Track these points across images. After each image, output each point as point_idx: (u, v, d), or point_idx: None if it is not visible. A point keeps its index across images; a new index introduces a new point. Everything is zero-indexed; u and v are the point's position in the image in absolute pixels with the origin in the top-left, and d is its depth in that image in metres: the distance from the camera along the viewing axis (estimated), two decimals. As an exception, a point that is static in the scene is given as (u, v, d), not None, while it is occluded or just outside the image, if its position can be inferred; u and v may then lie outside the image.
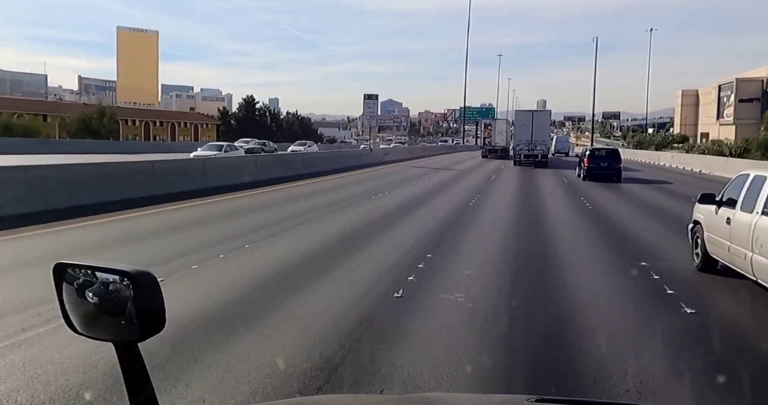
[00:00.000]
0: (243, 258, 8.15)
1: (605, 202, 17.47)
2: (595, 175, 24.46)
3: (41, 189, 11.67)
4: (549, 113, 46.88)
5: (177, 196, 14.31)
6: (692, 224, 8.26)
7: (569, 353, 4.74)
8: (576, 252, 9.40)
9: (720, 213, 7.19)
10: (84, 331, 1.20)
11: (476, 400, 2.03)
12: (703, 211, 7.81)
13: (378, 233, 10.66)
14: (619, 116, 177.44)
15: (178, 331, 4.61)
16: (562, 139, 70.60)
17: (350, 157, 36.19)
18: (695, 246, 7.99)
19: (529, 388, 3.80)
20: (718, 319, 5.96)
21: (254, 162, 23.87)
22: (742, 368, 4.40)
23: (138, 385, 1.18)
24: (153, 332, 1.16)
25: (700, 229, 7.83)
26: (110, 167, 15.43)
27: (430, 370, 4.18)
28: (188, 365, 4.14)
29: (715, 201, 7.43)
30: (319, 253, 8.62)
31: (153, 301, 1.15)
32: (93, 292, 1.19)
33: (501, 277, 7.48)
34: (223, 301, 5.94)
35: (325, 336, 4.87)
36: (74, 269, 1.22)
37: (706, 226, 7.58)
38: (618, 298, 6.71)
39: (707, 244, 7.48)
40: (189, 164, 19.64)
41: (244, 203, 15.14)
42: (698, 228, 7.92)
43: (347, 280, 7.05)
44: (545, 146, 38.57)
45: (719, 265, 7.34)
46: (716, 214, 7.28)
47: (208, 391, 3.78)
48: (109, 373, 3.74)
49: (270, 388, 3.82)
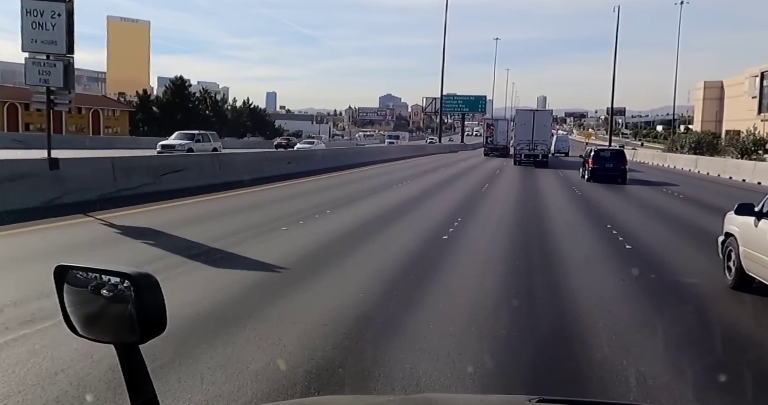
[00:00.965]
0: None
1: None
2: (599, 176, 24.12)
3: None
4: (550, 113, 48.49)
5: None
6: (723, 237, 7.57)
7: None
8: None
9: (761, 226, 6.57)
10: (85, 334, 1.21)
11: (477, 400, 2.04)
12: (739, 223, 7.12)
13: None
14: (624, 112, 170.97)
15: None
16: (562, 138, 69.73)
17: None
18: (727, 261, 7.30)
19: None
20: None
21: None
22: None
23: (139, 386, 1.18)
24: (154, 334, 1.16)
25: (733, 242, 7.13)
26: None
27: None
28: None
29: (755, 212, 6.76)
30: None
31: (154, 302, 1.16)
32: (94, 295, 1.20)
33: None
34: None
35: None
36: (75, 271, 1.23)
37: (742, 239, 6.94)
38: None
39: (743, 259, 6.80)
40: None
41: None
42: (731, 241, 7.21)
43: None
44: (546, 146, 38.40)
45: (756, 282, 6.66)
46: (756, 227, 6.64)
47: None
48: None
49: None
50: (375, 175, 25.20)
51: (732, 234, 7.25)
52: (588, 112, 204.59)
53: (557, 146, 59.59)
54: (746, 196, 9.78)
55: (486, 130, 54.24)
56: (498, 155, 47.52)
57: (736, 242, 7.05)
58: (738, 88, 66.44)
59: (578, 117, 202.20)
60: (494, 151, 49.03)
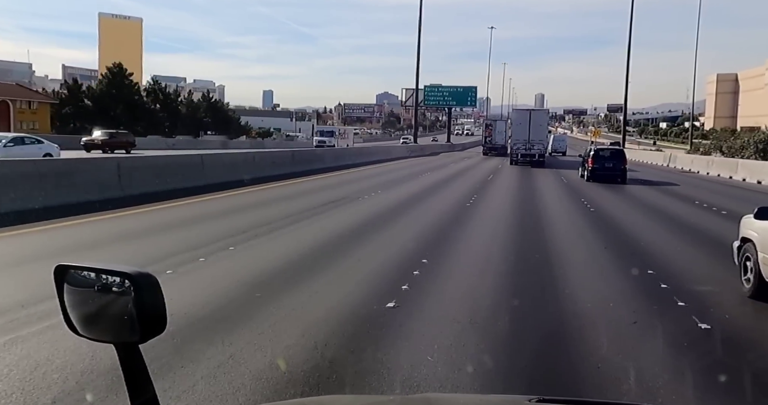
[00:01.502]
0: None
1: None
2: (599, 176, 24.05)
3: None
4: (547, 112, 48.68)
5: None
6: (740, 242, 7.09)
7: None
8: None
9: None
10: (85, 333, 1.20)
11: (476, 400, 2.03)
12: (758, 227, 6.68)
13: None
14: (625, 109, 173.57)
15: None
16: (559, 138, 69.30)
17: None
18: (744, 269, 6.82)
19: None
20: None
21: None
22: None
23: (139, 386, 1.18)
24: (154, 334, 1.16)
25: (751, 248, 6.67)
26: None
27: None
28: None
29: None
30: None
31: (154, 302, 1.15)
32: (94, 294, 1.19)
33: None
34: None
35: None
36: (75, 271, 1.22)
37: (762, 245, 6.51)
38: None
39: (762, 266, 6.37)
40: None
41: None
42: (749, 247, 6.74)
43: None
44: (542, 146, 38.28)
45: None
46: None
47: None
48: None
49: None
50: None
51: (750, 239, 6.78)
52: (587, 109, 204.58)
53: (554, 146, 59.71)
54: None
55: (485, 130, 56.88)
56: (496, 154, 49.25)
57: (755, 248, 6.59)
58: (756, 81, 59.69)
59: (577, 114, 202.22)
60: (492, 151, 51.73)
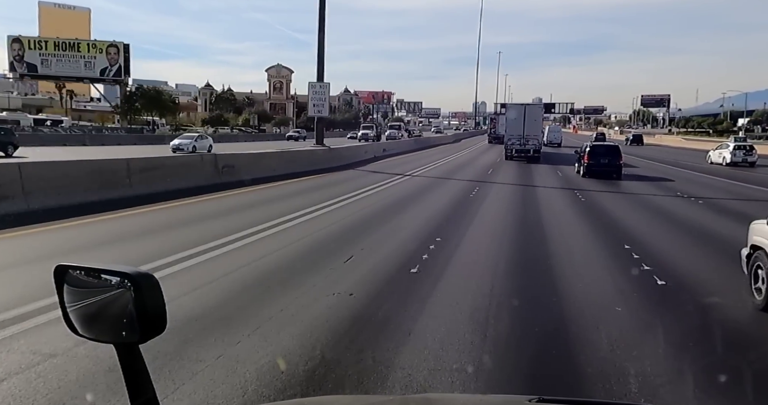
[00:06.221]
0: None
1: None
2: (595, 172, 24.24)
3: None
4: (541, 106, 50.42)
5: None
6: (749, 250, 6.62)
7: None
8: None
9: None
10: (85, 333, 1.20)
11: (476, 400, 2.02)
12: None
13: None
14: (667, 104, 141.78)
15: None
16: (554, 129, 69.02)
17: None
18: (755, 278, 6.34)
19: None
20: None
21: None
22: None
23: (139, 386, 1.18)
24: (154, 334, 1.16)
25: (762, 256, 6.26)
26: None
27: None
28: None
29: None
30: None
31: (154, 302, 1.15)
32: (94, 294, 1.19)
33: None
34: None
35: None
36: (75, 271, 1.22)
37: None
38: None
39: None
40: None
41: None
42: (760, 255, 6.32)
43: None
44: (538, 141, 37.64)
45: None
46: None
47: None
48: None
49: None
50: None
51: (761, 247, 6.34)
52: (604, 107, 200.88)
53: (549, 137, 60.40)
54: None
55: (490, 123, 74.02)
56: (499, 143, 54.04)
57: (765, 256, 6.18)
58: None
59: (591, 112, 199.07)
60: (496, 140, 60.30)
